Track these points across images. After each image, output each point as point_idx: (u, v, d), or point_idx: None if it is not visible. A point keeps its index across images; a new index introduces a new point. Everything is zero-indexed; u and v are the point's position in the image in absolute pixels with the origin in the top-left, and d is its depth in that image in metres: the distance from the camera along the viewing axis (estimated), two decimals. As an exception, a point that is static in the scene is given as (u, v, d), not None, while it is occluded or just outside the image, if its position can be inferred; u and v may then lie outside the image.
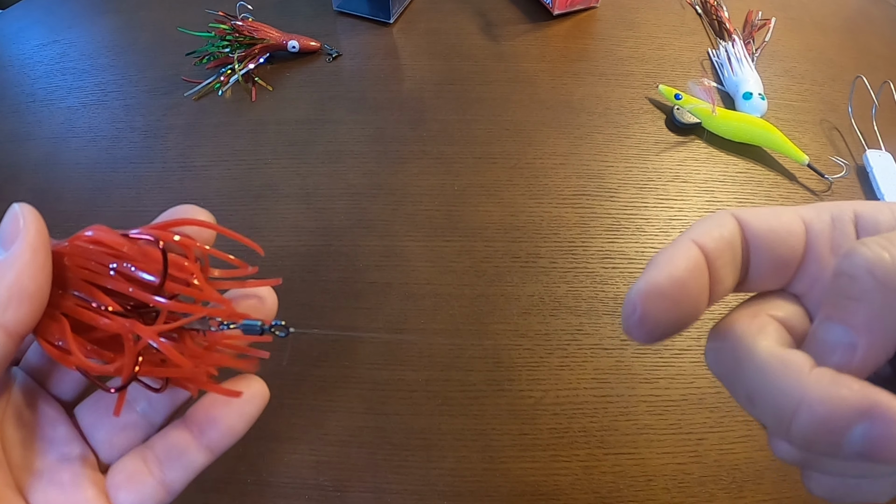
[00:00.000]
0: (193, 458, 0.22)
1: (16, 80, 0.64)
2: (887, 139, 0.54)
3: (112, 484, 0.22)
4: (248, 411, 0.23)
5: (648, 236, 0.49)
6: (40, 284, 0.19)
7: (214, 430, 0.22)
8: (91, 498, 0.21)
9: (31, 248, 0.18)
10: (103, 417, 0.23)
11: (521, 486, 0.37)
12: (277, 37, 0.62)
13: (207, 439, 0.22)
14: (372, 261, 0.47)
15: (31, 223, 0.19)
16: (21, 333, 0.18)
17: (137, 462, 0.22)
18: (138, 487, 0.22)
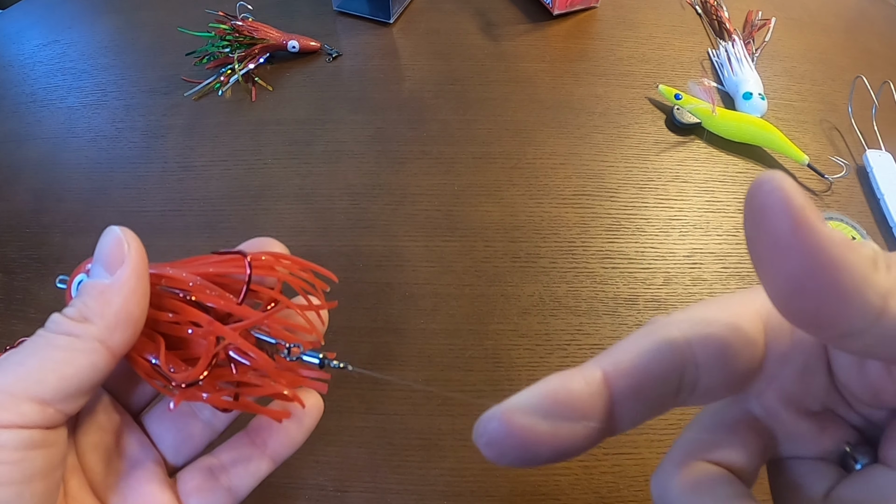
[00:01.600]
0: (258, 467, 0.24)
1: (16, 80, 0.64)
2: (887, 139, 0.55)
3: (183, 490, 0.23)
4: (307, 424, 0.24)
5: (648, 236, 0.49)
6: (143, 309, 0.20)
7: (277, 441, 0.24)
8: (166, 501, 0.22)
9: (136, 274, 0.20)
10: (171, 425, 0.24)
11: (521, 486, 0.37)
12: (277, 37, 0.62)
13: (271, 450, 0.24)
14: (372, 261, 0.47)
15: (134, 248, 0.20)
16: (123, 354, 0.20)
17: (205, 470, 0.24)
18: (208, 494, 0.23)
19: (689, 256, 0.47)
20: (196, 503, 0.23)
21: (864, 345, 0.13)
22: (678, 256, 0.47)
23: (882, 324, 0.13)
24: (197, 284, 0.21)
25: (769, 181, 0.13)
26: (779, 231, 0.12)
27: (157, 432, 0.24)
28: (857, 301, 0.12)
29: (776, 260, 0.13)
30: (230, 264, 0.22)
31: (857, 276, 0.12)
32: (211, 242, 0.49)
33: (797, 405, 0.18)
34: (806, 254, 0.12)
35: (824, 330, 0.13)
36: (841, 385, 0.17)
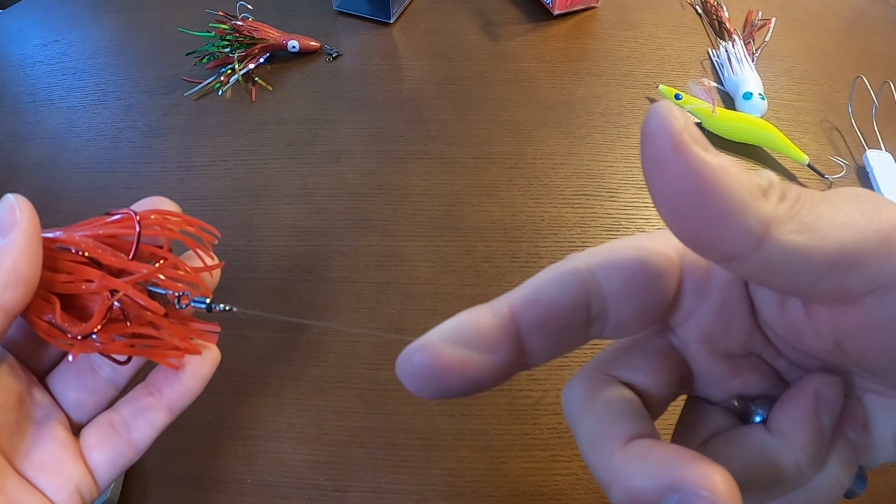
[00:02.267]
0: (156, 418, 0.25)
1: (16, 80, 0.64)
2: (887, 139, 0.55)
3: (86, 445, 0.24)
4: (202, 373, 0.25)
5: (648, 236, 0.49)
6: (35, 269, 0.20)
7: (173, 391, 0.25)
8: (70, 457, 0.23)
9: (27, 235, 0.20)
10: (73, 383, 0.25)
11: (521, 486, 0.37)
12: (277, 37, 0.62)
13: (168, 400, 0.25)
14: (372, 261, 0.47)
15: (25, 213, 0.21)
16: (16, 313, 0.20)
17: (106, 425, 0.24)
18: (108, 448, 0.24)
19: (689, 256, 0.47)
20: (98, 456, 0.24)
21: (749, 270, 0.14)
22: (678, 256, 0.47)
23: (763, 250, 0.13)
24: (89, 244, 0.22)
25: (656, 108, 0.13)
26: (660, 153, 0.13)
27: (60, 391, 0.25)
28: (734, 224, 0.13)
29: (659, 181, 0.13)
30: (121, 224, 0.23)
31: (735, 200, 0.13)
32: (211, 242, 0.49)
33: (714, 345, 0.18)
34: (683, 175, 0.13)
35: (708, 251, 0.14)
36: (765, 325, 0.17)
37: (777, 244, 0.13)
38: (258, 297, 0.46)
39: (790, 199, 0.14)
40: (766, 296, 0.17)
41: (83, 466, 0.23)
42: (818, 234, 0.13)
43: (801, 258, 0.13)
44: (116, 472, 0.24)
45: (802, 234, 0.13)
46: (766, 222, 0.13)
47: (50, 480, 0.22)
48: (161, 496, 0.38)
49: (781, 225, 0.13)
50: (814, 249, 0.13)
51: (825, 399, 0.16)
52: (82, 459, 0.23)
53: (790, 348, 0.18)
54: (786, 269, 0.13)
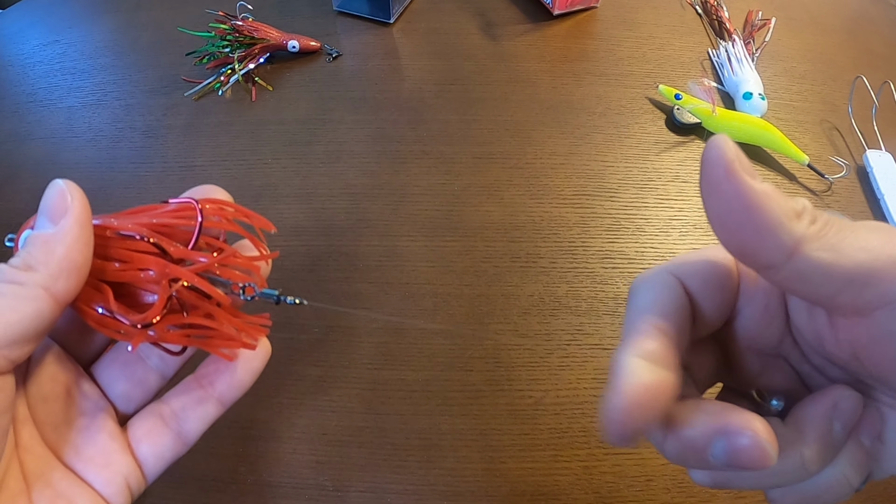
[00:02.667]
0: (207, 411, 0.24)
1: (16, 80, 0.64)
2: (887, 139, 0.55)
3: (134, 437, 0.23)
4: (254, 366, 0.25)
5: (648, 236, 0.49)
6: (87, 257, 0.20)
7: (224, 384, 0.24)
8: (118, 449, 0.23)
9: (78, 223, 0.20)
10: (120, 374, 0.24)
11: (521, 486, 0.37)
12: (277, 37, 0.62)
13: (219, 392, 0.24)
14: (372, 261, 0.47)
15: (77, 199, 0.20)
16: (68, 302, 0.20)
17: (155, 417, 0.24)
18: (157, 440, 0.24)
19: (689, 256, 0.47)
20: (146, 449, 0.23)
21: (781, 278, 0.17)
22: (678, 256, 0.47)
23: (794, 262, 0.16)
24: (147, 231, 0.21)
25: (714, 141, 0.16)
26: (715, 178, 0.16)
27: (107, 381, 0.24)
28: (771, 239, 0.16)
29: (713, 201, 0.17)
30: (179, 213, 0.22)
31: (773, 219, 0.16)
32: (211, 242, 0.49)
33: (752, 343, 0.21)
34: (733, 196, 0.16)
35: (749, 260, 0.17)
36: (795, 330, 0.20)
37: (805, 258, 0.16)
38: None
39: (820, 222, 0.16)
40: (797, 304, 0.20)
41: (132, 459, 0.23)
42: (840, 253, 0.16)
43: (824, 272, 0.16)
44: (165, 464, 0.24)
45: (827, 252, 0.16)
46: (797, 239, 0.16)
47: (98, 473, 0.22)
48: (161, 496, 0.38)
49: (810, 243, 0.16)
50: (835, 265, 0.16)
51: (841, 409, 0.18)
52: (131, 452, 0.23)
53: (814, 353, 0.20)
54: (812, 280, 0.16)
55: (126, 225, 0.21)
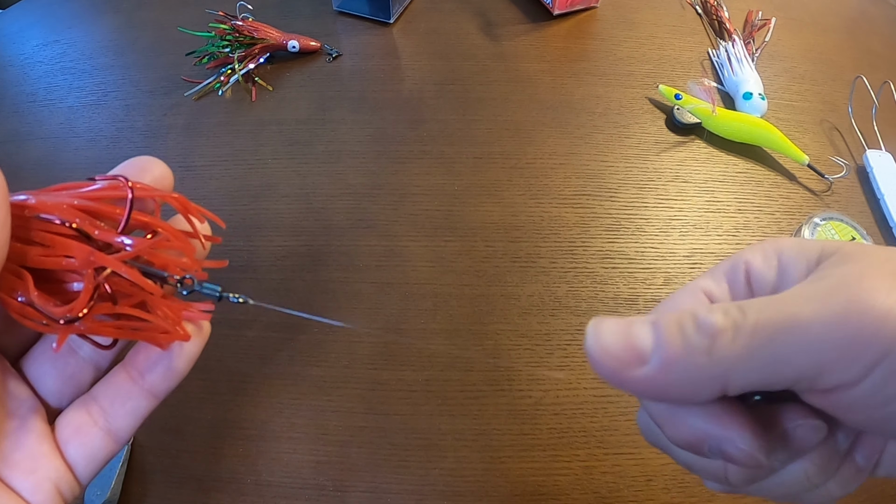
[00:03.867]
0: (138, 406, 0.22)
1: (16, 80, 0.64)
2: (887, 139, 0.54)
3: (61, 438, 0.21)
4: (190, 352, 0.22)
5: (648, 236, 0.49)
6: (4, 241, 0.18)
7: (156, 374, 0.22)
8: (46, 452, 0.21)
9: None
10: (50, 368, 0.22)
11: (521, 486, 0.37)
12: (277, 37, 0.62)
13: (150, 384, 0.22)
14: (372, 261, 0.47)
15: None
16: None
17: (82, 414, 0.22)
18: (86, 440, 0.21)
19: (689, 256, 0.47)
20: (76, 450, 0.21)
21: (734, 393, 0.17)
22: (678, 256, 0.47)
23: (733, 390, 0.17)
24: (71, 213, 0.19)
25: (588, 335, 0.18)
26: (605, 376, 0.18)
27: (36, 377, 0.22)
28: (698, 396, 0.17)
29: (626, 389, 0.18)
30: (107, 191, 0.20)
31: (687, 388, 0.17)
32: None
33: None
34: (638, 391, 0.18)
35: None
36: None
37: (740, 384, 0.16)
38: (258, 296, 0.45)
39: (734, 317, 0.16)
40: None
41: (61, 462, 0.21)
42: (772, 368, 0.16)
43: (766, 384, 0.16)
44: (98, 465, 0.22)
45: (755, 373, 0.16)
46: (722, 374, 0.16)
47: (24, 479, 0.20)
48: (161, 496, 0.38)
49: (736, 368, 0.16)
50: (771, 377, 0.16)
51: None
52: (60, 454, 0.21)
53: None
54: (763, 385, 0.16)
55: (46, 205, 0.19)
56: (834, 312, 0.15)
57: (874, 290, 0.15)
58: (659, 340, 0.17)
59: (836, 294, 0.16)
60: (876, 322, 0.15)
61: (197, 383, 0.42)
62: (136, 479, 0.38)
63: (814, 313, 0.16)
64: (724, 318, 0.16)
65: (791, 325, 0.16)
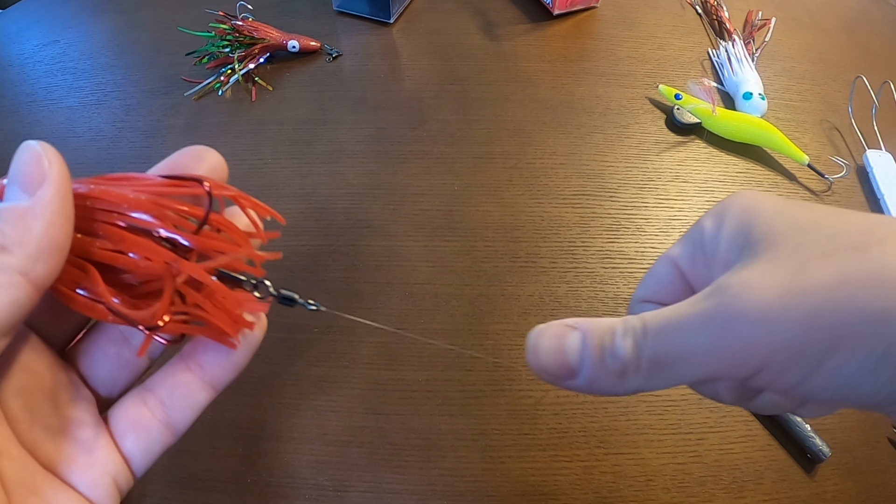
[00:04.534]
0: (197, 397, 0.22)
1: (16, 80, 0.64)
2: (887, 139, 0.54)
3: (117, 430, 0.21)
4: (250, 345, 0.22)
5: (648, 236, 0.49)
6: (68, 234, 0.17)
7: (215, 366, 0.21)
8: (103, 445, 0.20)
9: (59, 195, 0.17)
10: (102, 357, 0.22)
11: (521, 486, 0.37)
12: (277, 37, 0.62)
13: (209, 375, 0.22)
14: (372, 261, 0.47)
15: (56, 166, 0.17)
16: (47, 286, 0.17)
17: (139, 406, 0.21)
18: (144, 433, 0.21)
19: (689, 256, 0.47)
20: (133, 443, 0.21)
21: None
22: (678, 256, 0.47)
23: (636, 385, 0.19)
24: (147, 207, 0.18)
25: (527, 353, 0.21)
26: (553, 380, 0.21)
27: (87, 367, 0.21)
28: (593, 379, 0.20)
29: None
30: (178, 189, 0.19)
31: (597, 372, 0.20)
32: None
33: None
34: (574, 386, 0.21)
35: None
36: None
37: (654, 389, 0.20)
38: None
39: (639, 343, 0.19)
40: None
41: (118, 455, 0.20)
42: (676, 381, 0.19)
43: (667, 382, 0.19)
44: (154, 458, 0.21)
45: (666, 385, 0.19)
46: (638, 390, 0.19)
47: (83, 474, 0.19)
48: (161, 496, 0.38)
49: (646, 386, 0.19)
50: (683, 383, 0.19)
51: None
52: (116, 447, 0.20)
53: None
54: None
55: (113, 196, 0.18)
56: (714, 338, 0.18)
57: (749, 311, 0.17)
58: (584, 360, 0.20)
59: (715, 319, 0.18)
60: (750, 345, 0.17)
61: (197, 383, 0.42)
62: (136, 480, 0.38)
63: (697, 342, 0.18)
64: (633, 348, 0.19)
65: (680, 356, 0.18)
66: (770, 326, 0.17)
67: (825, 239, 0.17)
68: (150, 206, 0.18)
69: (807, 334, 0.16)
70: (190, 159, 0.21)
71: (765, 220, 0.19)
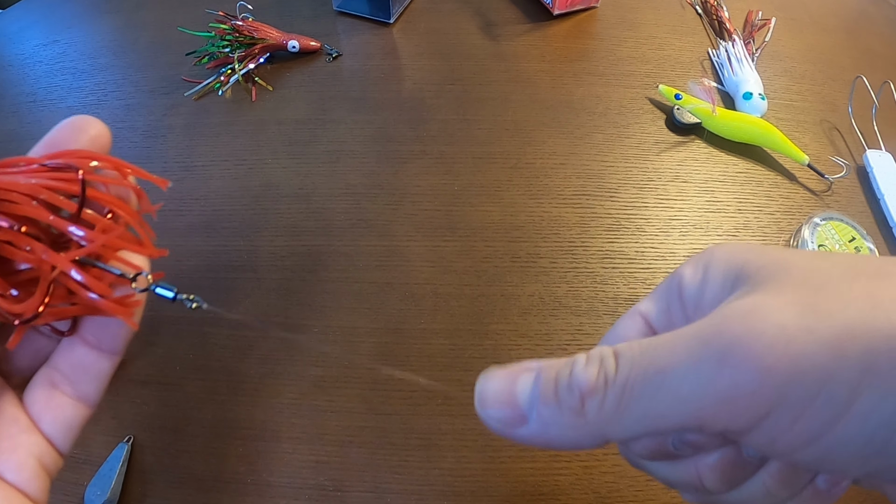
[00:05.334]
0: (99, 367, 0.22)
1: (16, 80, 0.64)
2: (887, 139, 0.54)
3: (33, 412, 0.21)
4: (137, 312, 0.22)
5: (648, 236, 0.49)
6: None
7: (108, 335, 0.22)
8: (24, 429, 0.20)
9: None
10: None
11: (521, 486, 0.37)
12: (277, 37, 0.62)
13: (105, 344, 0.22)
14: (372, 261, 0.47)
15: None
16: None
17: (48, 386, 0.21)
18: (59, 411, 0.21)
19: (689, 256, 0.47)
20: (50, 424, 0.21)
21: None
22: (678, 256, 0.47)
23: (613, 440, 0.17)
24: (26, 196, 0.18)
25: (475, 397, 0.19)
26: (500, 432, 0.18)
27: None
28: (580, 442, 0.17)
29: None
30: (54, 176, 0.19)
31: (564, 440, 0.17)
32: (211, 242, 0.49)
33: None
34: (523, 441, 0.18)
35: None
36: None
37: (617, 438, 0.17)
38: (258, 296, 0.46)
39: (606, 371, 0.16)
40: None
41: (39, 437, 0.21)
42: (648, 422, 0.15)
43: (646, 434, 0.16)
44: (75, 433, 0.22)
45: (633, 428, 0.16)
46: (599, 432, 0.16)
47: (6, 460, 0.20)
48: (161, 496, 0.38)
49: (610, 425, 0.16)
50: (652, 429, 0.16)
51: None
52: (36, 429, 0.21)
53: None
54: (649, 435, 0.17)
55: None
56: (708, 364, 0.14)
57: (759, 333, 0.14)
58: (535, 399, 0.17)
59: (713, 341, 0.14)
60: (760, 371, 0.14)
61: (197, 383, 0.42)
62: (136, 479, 0.38)
63: (686, 366, 0.15)
64: (597, 375, 0.16)
65: (660, 382, 0.15)
66: (789, 350, 0.13)
67: (842, 266, 0.15)
68: (23, 197, 0.18)
69: (835, 361, 0.13)
70: (70, 131, 0.21)
71: (760, 255, 0.17)
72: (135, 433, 0.40)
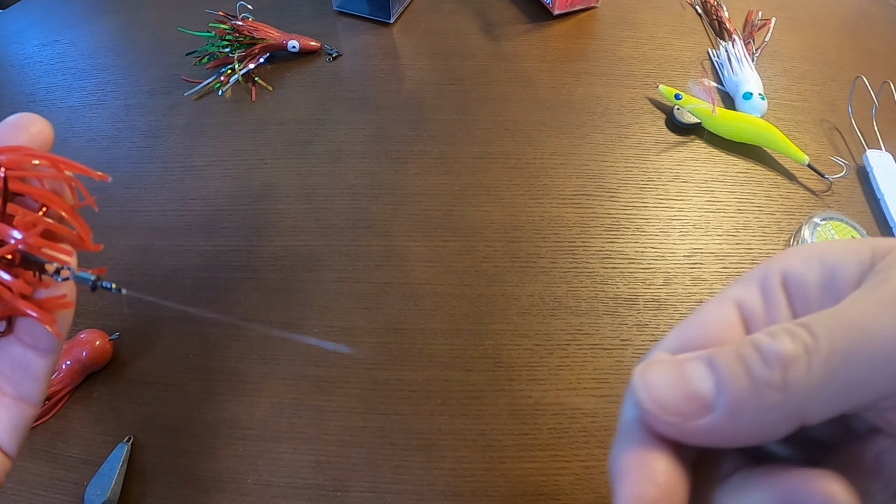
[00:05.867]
0: (37, 366, 0.21)
1: (16, 80, 0.64)
2: (887, 139, 0.54)
3: None
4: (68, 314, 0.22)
5: (648, 236, 0.49)
6: None
7: (42, 333, 0.21)
8: None
9: None
10: None
11: (521, 486, 0.37)
12: (277, 37, 0.62)
13: (41, 343, 0.21)
14: (372, 261, 0.47)
15: None
16: None
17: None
18: (3, 413, 0.21)
19: (689, 256, 0.47)
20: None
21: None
22: (678, 256, 0.47)
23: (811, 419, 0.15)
24: None
25: (637, 392, 0.16)
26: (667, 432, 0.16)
27: None
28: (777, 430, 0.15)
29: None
30: None
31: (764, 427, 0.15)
32: (211, 242, 0.49)
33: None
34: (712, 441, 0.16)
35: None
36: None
37: (814, 419, 0.15)
38: (258, 297, 0.46)
39: (803, 339, 0.14)
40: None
41: None
42: (853, 391, 0.14)
43: (843, 411, 0.15)
44: (22, 433, 0.21)
45: (836, 402, 0.14)
46: (800, 411, 0.14)
47: None
48: (161, 496, 0.38)
49: (815, 398, 0.14)
50: (854, 402, 0.14)
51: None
52: None
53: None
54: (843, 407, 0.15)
55: None
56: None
57: None
58: (721, 383, 0.15)
59: None
60: None
61: (197, 383, 0.42)
62: (136, 479, 0.38)
63: (889, 324, 0.14)
64: (793, 342, 0.14)
65: (867, 341, 0.14)
66: None
67: None
68: None
69: None
70: (11, 130, 0.20)
71: (879, 242, 0.16)
72: (135, 433, 0.40)
